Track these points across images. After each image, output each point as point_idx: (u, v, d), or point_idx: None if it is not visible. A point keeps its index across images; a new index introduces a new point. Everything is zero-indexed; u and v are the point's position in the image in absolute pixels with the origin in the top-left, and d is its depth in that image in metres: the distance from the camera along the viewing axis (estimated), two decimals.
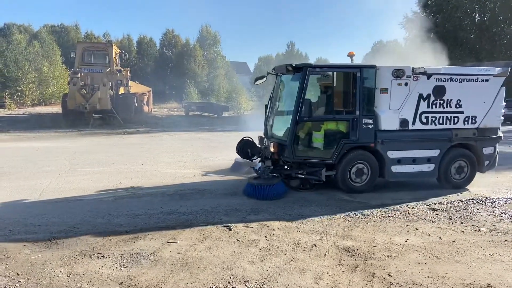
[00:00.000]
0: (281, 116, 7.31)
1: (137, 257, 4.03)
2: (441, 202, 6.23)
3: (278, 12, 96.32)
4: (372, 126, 6.61)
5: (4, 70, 31.60)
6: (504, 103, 7.37)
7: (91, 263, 3.88)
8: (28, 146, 12.83)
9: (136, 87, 24.74)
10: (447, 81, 6.79)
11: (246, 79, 42.56)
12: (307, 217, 5.41)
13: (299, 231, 4.85)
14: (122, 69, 22.16)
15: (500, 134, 7.43)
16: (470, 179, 7.21)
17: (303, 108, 6.33)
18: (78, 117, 19.83)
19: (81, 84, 19.71)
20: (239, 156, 7.53)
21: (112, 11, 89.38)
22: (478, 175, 7.28)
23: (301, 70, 6.50)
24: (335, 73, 7.07)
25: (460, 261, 4.07)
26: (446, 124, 6.92)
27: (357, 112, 6.56)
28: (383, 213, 5.61)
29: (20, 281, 3.48)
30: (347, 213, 5.57)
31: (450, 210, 5.84)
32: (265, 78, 7.44)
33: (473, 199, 6.43)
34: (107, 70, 20.50)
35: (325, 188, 6.83)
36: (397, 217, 5.45)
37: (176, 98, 36.32)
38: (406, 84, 6.60)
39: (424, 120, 6.81)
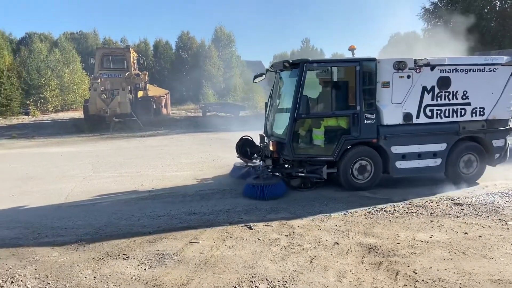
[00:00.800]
0: (281, 113, 7.15)
1: (161, 257, 4.10)
2: (465, 197, 6.08)
3: (292, 8, 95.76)
4: (374, 121, 6.44)
5: (27, 78, 32.66)
6: None
7: (116, 264, 3.98)
8: (52, 151, 13.21)
9: (154, 90, 25.10)
10: (452, 72, 6.54)
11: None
12: (328, 214, 5.38)
13: (320, 229, 4.83)
14: (140, 73, 22.55)
15: (511, 125, 7.11)
16: (480, 173, 6.94)
17: (300, 105, 6.19)
18: (99, 121, 20.28)
19: (101, 89, 20.15)
20: (239, 160, 7.33)
21: (128, 16, 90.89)
22: (503, 167, 7.06)
23: (298, 66, 6.35)
24: (334, 68, 6.88)
25: (487, 256, 3.97)
26: (452, 116, 6.67)
27: (358, 107, 6.40)
28: (406, 209, 5.52)
29: (49, 283, 3.60)
30: (368, 210, 5.51)
31: (475, 204, 5.69)
32: (264, 76, 7.29)
33: (499, 192, 6.25)
34: (126, 74, 20.87)
35: (335, 186, 6.75)
36: (421, 213, 5.35)
37: (193, 100, 36.65)
38: (408, 77, 6.39)
39: (429, 113, 6.58)
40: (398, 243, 4.33)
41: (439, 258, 3.96)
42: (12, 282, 3.61)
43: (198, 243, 4.48)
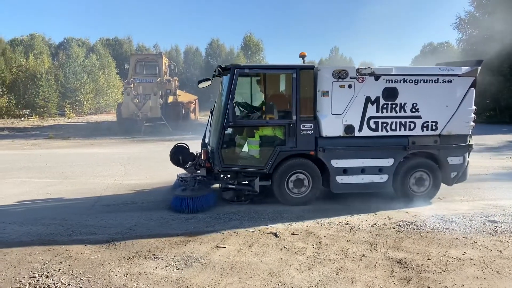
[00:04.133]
0: (216, 121, 6.67)
1: (188, 259, 4.17)
2: (501, 214, 5.83)
3: (323, 17, 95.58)
4: (312, 132, 6.07)
5: (64, 81, 34.13)
6: (474, 107, 6.39)
7: (146, 264, 4.08)
8: (86, 152, 13.73)
9: (183, 96, 25.64)
10: (400, 82, 6.09)
11: None
12: (355, 226, 5.30)
13: (347, 240, 4.76)
14: (171, 79, 23.17)
15: (471, 142, 6.53)
16: (433, 192, 6.45)
17: (229, 113, 5.87)
18: (131, 124, 20.91)
19: (134, 93, 20.82)
20: (185, 172, 6.90)
21: (161, 23, 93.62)
22: None
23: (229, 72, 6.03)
24: (270, 75, 6.55)
25: None
26: (400, 130, 6.20)
27: (294, 117, 6.05)
28: (438, 224, 5.35)
29: (82, 279, 3.74)
30: (397, 223, 5.38)
31: (511, 222, 5.44)
32: (209, 81, 6.84)
33: None
34: (158, 80, 21.48)
35: (364, 196, 6.61)
36: (453, 229, 5.17)
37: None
38: (350, 86, 6.00)
39: (373, 126, 6.15)
40: (428, 259, 4.21)
41: (472, 276, 3.82)
42: (47, 277, 3.77)
43: (224, 247, 4.53)
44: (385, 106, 6.14)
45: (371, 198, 6.52)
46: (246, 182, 6.36)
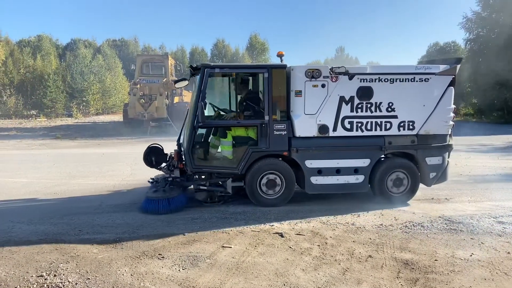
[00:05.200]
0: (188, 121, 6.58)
1: (194, 259, 4.18)
2: (509, 215, 5.77)
3: (328, 17, 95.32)
4: (285, 132, 5.98)
5: (72, 82, 34.43)
6: (454, 106, 6.26)
7: (152, 263, 4.10)
8: (93, 152, 13.83)
9: (189, 96, 25.69)
10: (375, 81, 5.96)
11: None
12: (361, 226, 5.28)
13: (353, 241, 4.75)
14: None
15: (450, 142, 6.42)
16: (411, 192, 6.34)
17: (198, 113, 5.77)
18: (137, 125, 21.05)
19: (140, 94, 20.94)
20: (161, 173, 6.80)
21: (167, 24, 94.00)
22: None
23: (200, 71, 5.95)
24: (241, 74, 6.42)
25: None
26: (376, 130, 6.09)
27: (267, 117, 5.95)
28: (445, 225, 5.31)
29: (89, 278, 3.76)
30: (404, 224, 5.35)
31: None
32: (187, 81, 6.78)
33: None
34: (164, 80, 21.59)
35: (370, 197, 6.59)
36: (460, 230, 5.13)
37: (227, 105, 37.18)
38: (323, 86, 5.90)
39: (348, 126, 6.05)
40: (436, 260, 4.18)
41: (480, 277, 3.79)
42: (54, 276, 3.80)
43: (230, 247, 4.53)
44: (360, 106, 6.04)
45: (376, 198, 6.50)
46: (219, 183, 6.30)
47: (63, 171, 9.67)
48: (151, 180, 6.45)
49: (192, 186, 6.35)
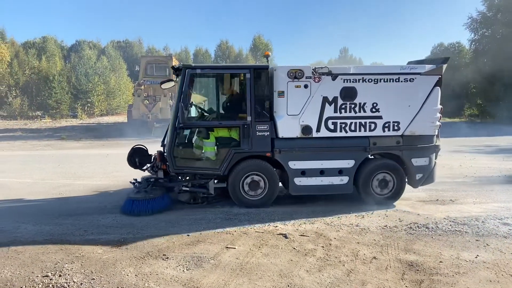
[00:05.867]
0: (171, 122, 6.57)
1: (199, 260, 4.19)
2: None
3: (332, 17, 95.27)
4: (268, 133, 5.95)
5: (76, 83, 34.63)
6: (440, 106, 6.19)
7: (156, 264, 4.11)
8: (98, 153, 13.90)
9: (193, 97, 25.80)
10: (358, 82, 5.93)
11: None
12: (366, 228, 5.26)
13: (357, 243, 4.73)
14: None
15: (437, 143, 6.35)
16: (397, 194, 6.28)
17: (179, 114, 5.78)
18: (141, 125, 21.13)
19: (144, 95, 21.03)
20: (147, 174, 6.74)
21: (171, 25, 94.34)
22: None
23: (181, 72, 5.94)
24: (224, 75, 6.42)
25: None
26: (360, 131, 6.06)
27: (249, 118, 5.93)
28: (450, 227, 5.29)
29: (94, 279, 3.78)
30: (409, 226, 5.33)
31: None
32: (173, 82, 6.77)
33: None
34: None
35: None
36: (465, 231, 5.10)
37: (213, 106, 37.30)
38: (306, 86, 5.88)
39: (332, 127, 6.02)
40: (441, 262, 4.16)
41: (485, 279, 3.77)
42: (60, 276, 3.82)
43: (234, 248, 4.54)
44: (343, 106, 6.00)
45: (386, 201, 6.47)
46: (202, 184, 6.28)
47: (68, 172, 9.72)
48: (133, 181, 6.42)
49: (175, 187, 6.34)
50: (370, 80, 5.97)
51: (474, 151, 12.98)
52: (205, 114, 6.80)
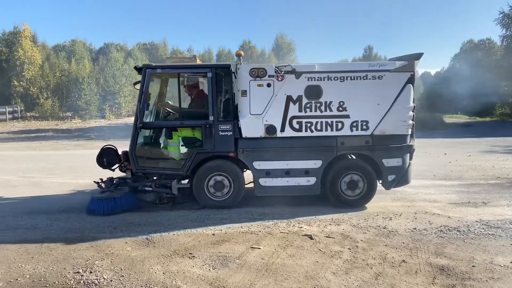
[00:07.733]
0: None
1: (224, 259, 4.21)
2: None
3: (357, 16, 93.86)
4: (231, 133, 5.86)
5: (105, 85, 35.58)
6: (413, 105, 5.95)
7: (183, 262, 4.16)
8: None
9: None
10: (323, 80, 5.75)
11: None
12: (394, 230, 5.14)
13: (385, 245, 4.63)
14: (204, 81, 23.58)
15: (412, 143, 6.08)
16: (368, 196, 6.06)
17: (139, 114, 5.76)
18: None
19: None
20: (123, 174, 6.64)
21: (194, 25, 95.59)
22: None
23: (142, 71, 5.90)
24: (186, 75, 6.28)
25: None
26: (327, 130, 5.87)
27: (211, 118, 5.84)
28: (482, 230, 5.09)
29: (123, 276, 3.86)
30: (439, 229, 5.17)
31: None
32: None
33: None
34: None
35: (411, 201, 6.40)
36: (499, 235, 4.90)
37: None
38: (268, 85, 5.75)
39: (297, 126, 5.85)
40: (473, 266, 4.01)
41: None
42: (90, 272, 3.93)
43: (259, 248, 4.53)
44: (308, 105, 5.85)
45: (413, 202, 6.31)
46: (166, 184, 6.23)
47: (98, 171, 9.98)
48: (97, 181, 6.44)
49: (138, 187, 6.31)
50: (336, 78, 5.82)
51: (507, 152, 12.46)
52: (171, 113, 6.73)
